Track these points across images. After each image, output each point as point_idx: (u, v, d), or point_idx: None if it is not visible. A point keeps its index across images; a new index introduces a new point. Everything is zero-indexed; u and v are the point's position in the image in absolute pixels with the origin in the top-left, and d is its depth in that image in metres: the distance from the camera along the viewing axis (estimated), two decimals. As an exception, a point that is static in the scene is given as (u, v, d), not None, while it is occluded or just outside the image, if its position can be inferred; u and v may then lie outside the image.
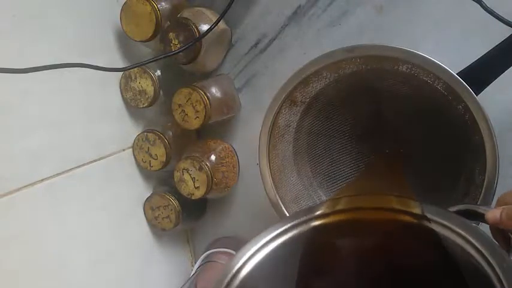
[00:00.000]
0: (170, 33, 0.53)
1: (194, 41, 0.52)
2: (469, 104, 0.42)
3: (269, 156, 0.52)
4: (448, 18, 0.50)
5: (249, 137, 0.61)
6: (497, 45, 0.43)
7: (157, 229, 0.61)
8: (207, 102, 0.55)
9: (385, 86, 0.49)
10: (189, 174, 0.57)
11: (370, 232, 0.40)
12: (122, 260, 0.58)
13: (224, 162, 0.60)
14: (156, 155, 0.58)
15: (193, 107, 0.55)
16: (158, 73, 0.57)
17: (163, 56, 0.52)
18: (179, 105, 0.56)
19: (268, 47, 0.58)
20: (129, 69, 0.54)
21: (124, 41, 0.57)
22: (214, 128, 0.63)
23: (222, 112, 0.59)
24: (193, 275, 0.61)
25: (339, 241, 0.41)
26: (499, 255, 0.32)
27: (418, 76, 0.45)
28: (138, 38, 0.54)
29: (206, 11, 0.56)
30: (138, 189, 0.61)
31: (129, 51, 0.58)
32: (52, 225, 0.48)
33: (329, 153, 0.55)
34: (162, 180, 0.64)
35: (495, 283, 0.31)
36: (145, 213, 0.61)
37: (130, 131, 0.59)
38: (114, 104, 0.57)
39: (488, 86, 0.43)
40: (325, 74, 0.48)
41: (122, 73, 0.57)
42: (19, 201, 0.44)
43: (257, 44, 0.58)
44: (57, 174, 0.49)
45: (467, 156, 0.46)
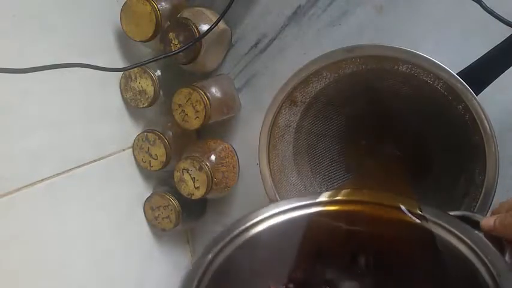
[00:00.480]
0: (170, 33, 0.53)
1: (194, 41, 0.52)
2: (469, 104, 0.42)
3: (269, 156, 0.52)
4: (448, 18, 0.50)
5: (249, 137, 0.61)
6: (497, 45, 0.43)
7: (157, 229, 0.61)
8: (207, 102, 0.55)
9: (385, 86, 0.49)
10: (189, 174, 0.57)
11: (367, 224, 0.42)
12: (121, 260, 0.58)
13: (224, 162, 0.60)
14: (156, 155, 0.58)
15: (193, 107, 0.55)
16: (158, 73, 0.57)
17: (163, 56, 0.52)
18: (179, 105, 0.56)
19: (268, 47, 0.58)
20: (129, 69, 0.54)
21: (124, 41, 0.57)
22: (214, 128, 0.63)
23: (222, 112, 0.59)
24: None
25: (338, 227, 0.43)
26: (499, 260, 0.33)
27: (418, 76, 0.45)
28: (138, 38, 0.54)
29: (206, 11, 0.56)
30: (138, 189, 0.61)
31: (129, 51, 0.58)
32: (52, 225, 0.48)
33: (329, 153, 0.55)
34: (162, 180, 0.64)
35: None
36: (145, 213, 0.61)
37: (131, 131, 0.59)
38: (114, 104, 0.57)
39: (488, 86, 0.44)
40: (325, 74, 0.48)
41: (122, 73, 0.57)
42: (19, 201, 0.44)
43: (257, 44, 0.58)
44: (57, 174, 0.49)
45: (467, 156, 0.46)
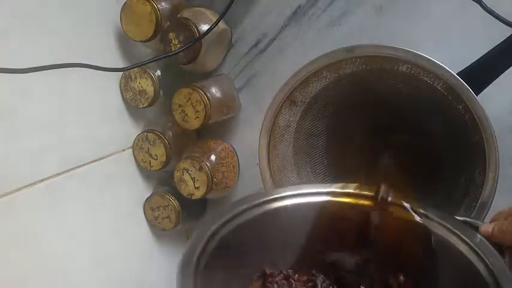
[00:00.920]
0: (170, 33, 0.53)
1: (194, 41, 0.52)
2: (469, 104, 0.42)
3: (269, 156, 0.52)
4: (448, 18, 0.50)
5: (249, 137, 0.61)
6: (497, 45, 0.43)
7: (157, 229, 0.61)
8: (207, 102, 0.55)
9: (385, 86, 0.49)
10: (189, 174, 0.57)
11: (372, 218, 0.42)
12: (122, 260, 0.58)
13: (224, 162, 0.60)
14: (156, 155, 0.58)
15: (193, 107, 0.55)
16: (158, 73, 0.57)
17: (163, 56, 0.52)
18: (179, 105, 0.56)
19: (268, 47, 0.58)
20: (129, 69, 0.54)
21: (124, 41, 0.57)
22: (214, 128, 0.63)
23: (222, 112, 0.59)
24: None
25: (346, 218, 0.43)
26: (499, 262, 0.33)
27: (418, 76, 0.45)
28: (138, 38, 0.54)
29: (206, 11, 0.56)
30: (138, 189, 0.61)
31: (129, 51, 0.58)
32: (52, 225, 0.48)
33: (329, 153, 0.55)
34: (162, 180, 0.64)
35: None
36: (145, 213, 0.61)
37: (130, 131, 0.59)
38: (114, 104, 0.57)
39: (488, 86, 0.44)
40: (325, 74, 0.48)
41: (122, 73, 0.57)
42: (19, 201, 0.44)
43: (257, 44, 0.58)
44: (57, 174, 0.49)
45: (467, 156, 0.46)
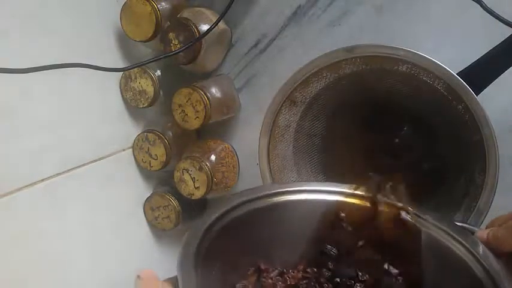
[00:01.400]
0: (170, 33, 0.53)
1: (194, 41, 0.52)
2: (469, 104, 0.42)
3: (269, 156, 0.52)
4: (448, 18, 0.50)
5: (249, 137, 0.61)
6: (497, 45, 0.43)
7: (157, 229, 0.61)
8: (207, 102, 0.55)
9: (385, 86, 0.49)
10: (189, 174, 0.57)
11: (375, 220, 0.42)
12: (122, 260, 0.58)
13: (224, 162, 0.60)
14: (156, 155, 0.58)
15: (193, 107, 0.55)
16: (158, 73, 0.57)
17: (163, 56, 0.52)
18: (179, 105, 0.56)
19: (268, 47, 0.58)
20: (129, 69, 0.54)
21: (124, 41, 0.57)
22: (214, 128, 0.63)
23: (222, 112, 0.59)
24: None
25: (342, 217, 0.43)
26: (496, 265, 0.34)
27: (418, 76, 0.45)
28: (138, 38, 0.54)
29: (206, 11, 0.56)
30: (138, 189, 0.61)
31: (129, 51, 0.58)
32: (52, 225, 0.48)
33: (329, 153, 0.55)
34: (162, 180, 0.64)
35: None
36: (145, 214, 0.61)
37: (131, 131, 0.59)
38: (114, 104, 0.57)
39: (488, 86, 0.44)
40: (325, 74, 0.48)
41: (121, 73, 0.57)
42: (19, 201, 0.44)
43: (257, 44, 0.58)
44: (57, 174, 0.49)
45: (467, 156, 0.46)
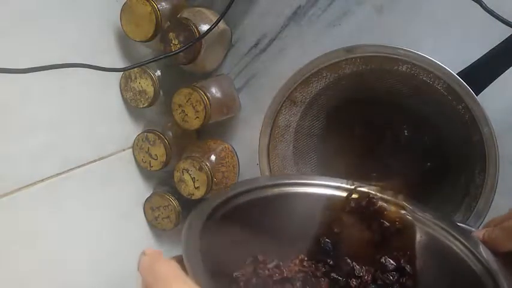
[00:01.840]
0: (170, 33, 0.53)
1: (194, 41, 0.52)
2: (469, 104, 0.42)
3: (269, 156, 0.52)
4: (448, 18, 0.50)
5: (249, 137, 0.61)
6: (497, 45, 0.43)
7: (158, 229, 0.61)
8: (207, 102, 0.55)
9: (385, 86, 0.49)
10: (189, 175, 0.57)
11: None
12: (121, 260, 0.58)
13: (224, 162, 0.60)
14: (156, 155, 0.58)
15: (193, 107, 0.55)
16: (158, 73, 0.57)
17: (163, 56, 0.52)
18: (179, 105, 0.56)
19: (268, 47, 0.58)
20: (129, 69, 0.54)
21: (124, 41, 0.56)
22: (214, 128, 0.63)
23: (222, 112, 0.59)
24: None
25: (341, 213, 0.43)
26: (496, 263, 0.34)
27: (418, 76, 0.45)
28: (138, 38, 0.54)
29: (206, 11, 0.56)
30: (138, 189, 0.61)
31: (129, 51, 0.58)
32: (52, 225, 0.48)
33: (329, 153, 0.55)
34: (162, 180, 0.64)
35: None
36: (145, 214, 0.61)
37: (131, 131, 0.59)
38: (114, 104, 0.57)
39: (488, 86, 0.44)
40: (325, 74, 0.48)
41: (121, 73, 0.57)
42: (19, 201, 0.44)
43: (257, 44, 0.58)
44: (57, 174, 0.49)
45: (467, 156, 0.46)
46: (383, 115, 0.51)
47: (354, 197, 0.43)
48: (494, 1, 0.43)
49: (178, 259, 0.28)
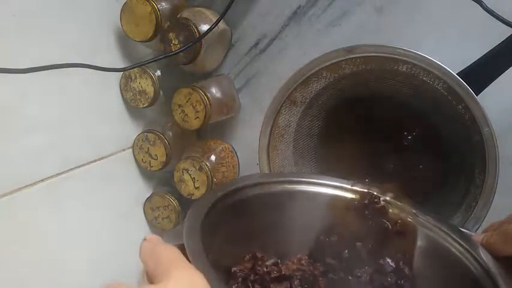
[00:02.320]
0: (170, 33, 0.53)
1: (194, 41, 0.52)
2: (469, 104, 0.42)
3: (269, 156, 0.52)
4: (448, 18, 0.50)
5: (249, 137, 0.61)
6: (497, 45, 0.43)
7: (157, 229, 0.61)
8: (207, 102, 0.55)
9: (385, 86, 0.49)
10: (189, 175, 0.57)
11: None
12: (121, 260, 0.58)
13: (224, 162, 0.60)
14: (156, 155, 0.58)
15: (193, 107, 0.55)
16: (158, 73, 0.57)
17: (163, 56, 0.52)
18: (179, 106, 0.56)
19: (268, 47, 0.58)
20: (129, 69, 0.54)
21: (124, 41, 0.56)
22: (214, 128, 0.63)
23: (222, 112, 0.59)
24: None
25: (341, 212, 0.44)
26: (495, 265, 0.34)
27: (418, 76, 0.45)
28: (138, 38, 0.54)
29: (206, 11, 0.56)
30: (138, 189, 0.61)
31: (129, 51, 0.58)
32: (52, 225, 0.48)
33: (329, 154, 0.55)
34: (162, 180, 0.64)
35: None
36: (145, 214, 0.61)
37: (131, 131, 0.59)
38: (114, 104, 0.57)
39: (488, 86, 0.44)
40: (325, 74, 0.48)
41: (121, 73, 0.57)
42: (19, 201, 0.44)
43: (257, 44, 0.58)
44: (57, 174, 0.49)
45: (467, 156, 0.46)
46: (383, 115, 0.51)
47: (355, 197, 0.43)
48: (494, 1, 0.43)
49: (180, 247, 0.28)
